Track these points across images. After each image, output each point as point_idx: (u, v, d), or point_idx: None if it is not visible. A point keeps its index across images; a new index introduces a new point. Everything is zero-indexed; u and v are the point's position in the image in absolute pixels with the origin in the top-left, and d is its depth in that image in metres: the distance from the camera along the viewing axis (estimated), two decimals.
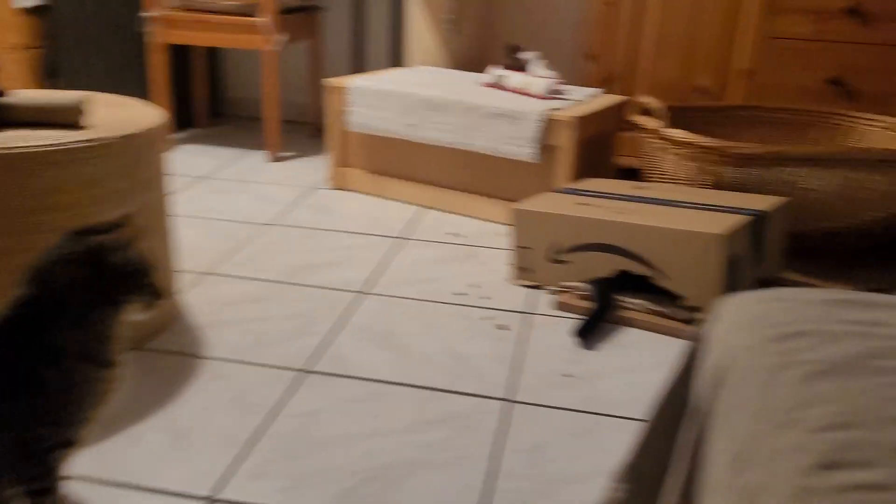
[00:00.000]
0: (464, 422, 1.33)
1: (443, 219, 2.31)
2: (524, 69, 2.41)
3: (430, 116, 2.26)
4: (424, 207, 2.39)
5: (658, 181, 2.14)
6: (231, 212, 2.27)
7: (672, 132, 1.99)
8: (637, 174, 2.43)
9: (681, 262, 1.63)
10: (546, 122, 2.12)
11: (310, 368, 1.46)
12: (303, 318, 1.65)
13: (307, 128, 3.34)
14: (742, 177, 1.92)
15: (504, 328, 1.65)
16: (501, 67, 2.43)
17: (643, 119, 2.11)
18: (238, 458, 1.20)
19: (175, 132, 3.11)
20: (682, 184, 2.04)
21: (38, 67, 2.93)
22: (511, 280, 1.89)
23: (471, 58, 2.74)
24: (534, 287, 1.86)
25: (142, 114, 1.51)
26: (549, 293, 1.83)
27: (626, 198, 1.88)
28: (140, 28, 2.73)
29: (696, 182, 2.00)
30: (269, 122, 2.77)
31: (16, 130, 1.32)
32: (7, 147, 1.22)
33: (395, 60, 3.18)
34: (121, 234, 0.96)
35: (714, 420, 0.60)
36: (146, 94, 2.89)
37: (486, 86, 2.41)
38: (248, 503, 1.11)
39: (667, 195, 1.88)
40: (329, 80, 2.45)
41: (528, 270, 1.86)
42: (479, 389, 1.42)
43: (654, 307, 1.70)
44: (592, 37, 2.49)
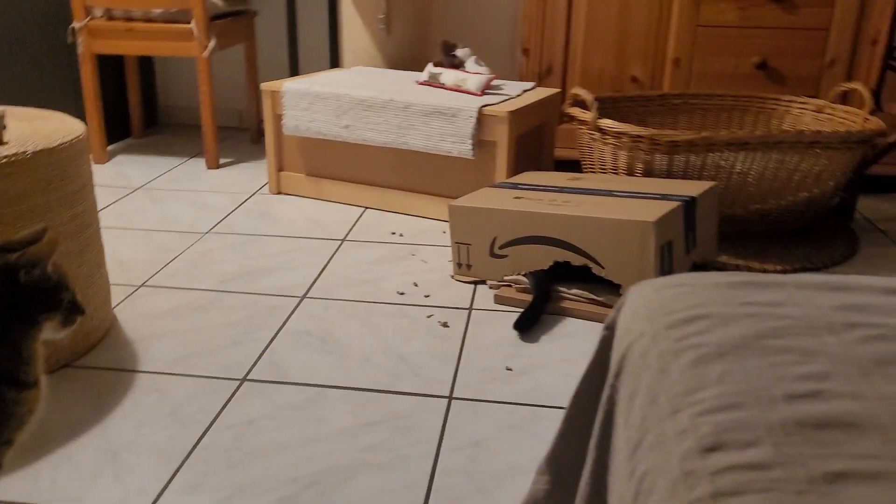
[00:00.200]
0: (405, 422, 1.33)
1: (383, 219, 2.30)
2: (459, 66, 2.41)
3: (366, 117, 2.26)
4: (365, 208, 2.38)
5: (595, 171, 2.16)
6: (167, 221, 2.24)
7: (604, 122, 2.01)
8: (577, 165, 2.45)
9: (615, 251, 1.65)
10: (481, 118, 2.12)
11: (247, 377, 1.45)
12: (239, 327, 1.63)
13: (247, 133, 3.30)
14: (675, 164, 1.95)
15: (445, 325, 1.66)
16: (437, 65, 2.43)
17: (577, 111, 2.12)
18: (174, 473, 1.19)
19: (111, 143, 3.05)
20: (618, 173, 2.06)
21: None
22: (452, 277, 1.90)
23: (407, 56, 2.73)
24: (475, 283, 1.87)
25: (63, 127, 1.48)
26: (490, 288, 1.84)
27: (562, 189, 1.89)
28: (72, 39, 2.67)
29: (631, 171, 2.02)
30: (207, 129, 2.73)
31: None
32: None
33: (333, 61, 3.16)
34: (36, 251, 0.94)
35: (617, 408, 0.61)
36: (80, 106, 2.83)
37: (421, 84, 2.41)
38: None
39: (602, 185, 1.91)
40: (264, 84, 2.42)
41: (469, 266, 1.86)
42: (420, 388, 1.42)
43: (593, 296, 1.71)
44: (526, 31, 2.50)
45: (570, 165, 2.55)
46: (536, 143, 2.40)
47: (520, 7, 2.67)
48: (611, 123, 2.00)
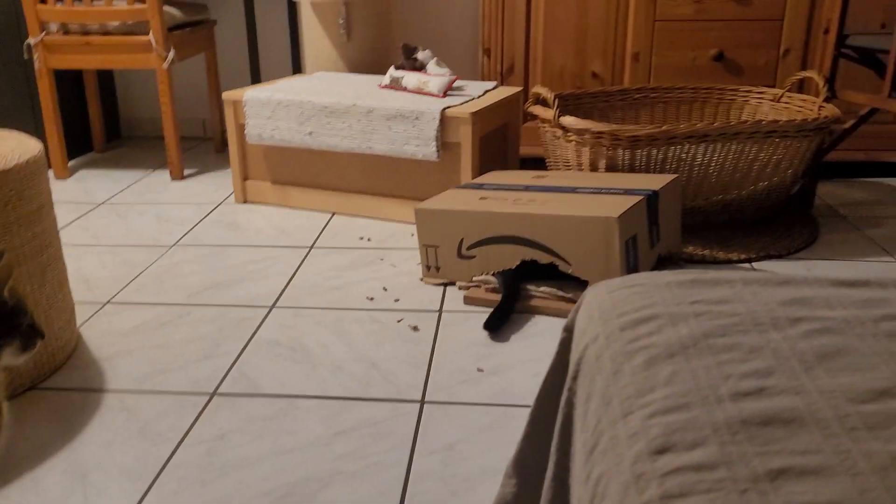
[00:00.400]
0: (378, 428, 1.33)
1: (351, 224, 2.30)
2: (421, 69, 2.42)
3: (329, 123, 2.25)
4: (332, 214, 2.38)
5: (559, 168, 2.18)
6: (132, 236, 2.22)
7: (565, 120, 2.03)
8: (543, 163, 2.47)
9: (580, 247, 1.67)
10: (444, 120, 2.13)
11: (216, 391, 1.44)
12: (208, 340, 1.62)
13: (211, 143, 3.28)
14: (637, 158, 1.97)
15: (415, 329, 1.66)
16: (398, 68, 2.43)
17: (539, 109, 2.14)
18: (145, 492, 1.18)
19: (72, 158, 3.02)
20: (581, 170, 2.08)
21: None
22: (421, 279, 1.90)
23: (369, 61, 2.73)
24: (444, 284, 1.88)
25: (19, 147, 1.46)
26: (459, 289, 1.85)
27: (527, 188, 1.90)
28: (28, 55, 2.63)
29: (594, 167, 2.04)
30: (170, 140, 2.71)
31: None
32: None
33: (295, 67, 3.15)
34: None
35: (575, 411, 0.62)
36: (39, 122, 2.80)
37: (384, 88, 2.41)
38: None
39: (566, 182, 1.92)
40: (226, 94, 2.41)
41: (437, 268, 1.87)
42: (392, 394, 1.43)
43: (561, 293, 1.73)
44: (486, 31, 2.51)
45: (537, 163, 2.56)
46: (501, 143, 2.41)
47: (480, 7, 2.68)
48: (572, 121, 2.01)
